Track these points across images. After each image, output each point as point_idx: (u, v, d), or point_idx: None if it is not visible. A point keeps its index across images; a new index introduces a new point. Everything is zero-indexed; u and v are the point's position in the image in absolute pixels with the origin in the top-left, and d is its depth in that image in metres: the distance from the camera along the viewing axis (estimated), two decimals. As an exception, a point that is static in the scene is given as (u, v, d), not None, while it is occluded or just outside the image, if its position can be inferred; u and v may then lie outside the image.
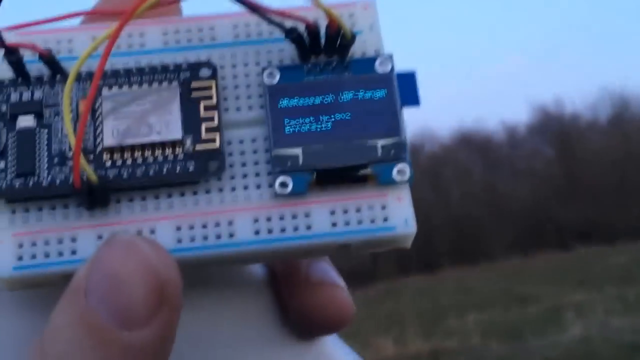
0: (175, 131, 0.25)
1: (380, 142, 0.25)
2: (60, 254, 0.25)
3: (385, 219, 0.25)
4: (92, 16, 0.27)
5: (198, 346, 0.27)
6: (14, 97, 0.26)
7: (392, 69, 0.26)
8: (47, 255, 0.25)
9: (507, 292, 4.35)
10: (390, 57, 0.26)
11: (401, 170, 0.25)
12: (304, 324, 0.28)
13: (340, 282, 0.29)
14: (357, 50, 0.27)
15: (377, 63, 0.26)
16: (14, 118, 0.25)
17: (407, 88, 0.26)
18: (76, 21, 0.27)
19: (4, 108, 0.25)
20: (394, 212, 0.25)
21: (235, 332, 0.28)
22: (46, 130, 0.25)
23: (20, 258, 0.24)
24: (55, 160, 0.25)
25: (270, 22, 0.25)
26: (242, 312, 0.28)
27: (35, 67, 0.26)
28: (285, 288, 0.29)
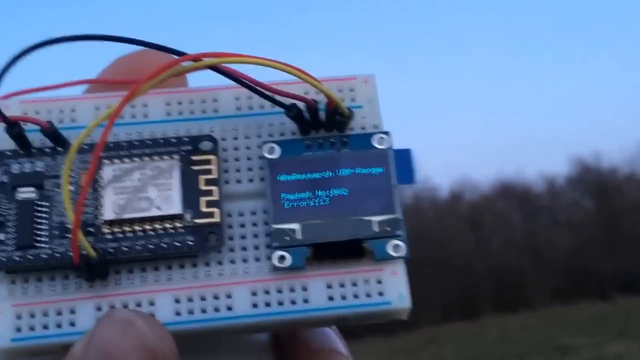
0: (175, 206, 0.25)
1: (377, 219, 0.26)
2: (59, 325, 0.25)
3: (381, 294, 0.26)
4: (97, 85, 0.28)
5: None
6: (15, 168, 0.26)
7: (390, 146, 0.27)
8: (45, 326, 0.25)
9: (547, 341, 4.36)
10: (388, 133, 0.27)
11: (396, 246, 0.26)
12: None
13: (341, 348, 0.29)
14: (356, 124, 0.27)
15: (374, 139, 0.27)
16: (14, 189, 0.25)
17: (403, 165, 0.27)
18: (80, 89, 0.27)
19: (5, 179, 0.26)
20: (389, 287, 0.26)
21: None
22: (47, 202, 0.26)
23: (18, 329, 0.25)
24: (56, 232, 0.25)
25: (271, 100, 0.26)
26: None
27: (37, 138, 0.26)
28: (287, 351, 0.29)
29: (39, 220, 0.25)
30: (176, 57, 0.24)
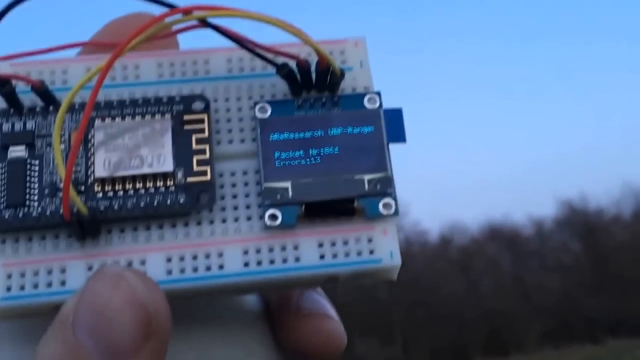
0: (167, 164, 0.25)
1: (367, 177, 0.26)
2: (49, 284, 0.25)
3: (372, 252, 0.26)
4: (89, 48, 0.28)
5: None
6: (6, 127, 0.26)
7: (380, 105, 0.27)
8: (35, 286, 0.25)
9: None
10: (378, 94, 0.27)
11: (387, 204, 0.26)
12: (296, 354, 0.29)
13: (332, 312, 0.29)
14: (347, 86, 0.27)
15: (365, 99, 0.27)
16: (5, 148, 0.25)
17: (394, 125, 0.27)
18: (72, 52, 0.28)
19: (-5, 138, 0.25)
20: (380, 245, 0.26)
21: None
22: (37, 161, 0.25)
23: (8, 289, 0.24)
24: (46, 191, 0.25)
25: (262, 58, 0.26)
26: (236, 343, 0.28)
27: (28, 98, 0.26)
28: (278, 317, 0.29)
29: (29, 179, 0.25)
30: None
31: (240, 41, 0.25)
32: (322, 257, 0.25)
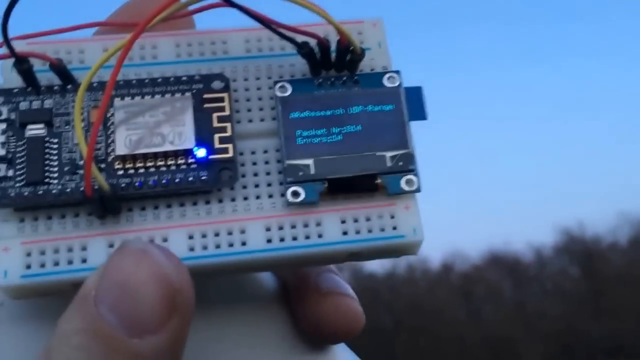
0: (188, 141, 0.25)
1: (389, 154, 0.26)
2: (70, 262, 0.24)
3: (394, 228, 0.26)
4: (105, 28, 0.28)
5: (208, 356, 0.27)
6: (24, 105, 0.25)
7: (400, 84, 0.27)
8: (56, 263, 0.24)
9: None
10: (398, 72, 0.27)
11: (409, 181, 0.26)
12: (315, 333, 0.28)
13: (351, 292, 0.29)
14: (365, 66, 0.27)
15: (385, 78, 0.27)
16: (23, 126, 0.25)
17: (414, 102, 0.27)
18: (88, 32, 0.27)
19: (13, 116, 0.25)
20: (403, 221, 0.26)
21: (247, 342, 0.28)
22: (56, 139, 0.25)
23: (28, 266, 0.24)
24: (66, 169, 0.25)
25: (283, 37, 0.26)
26: (254, 323, 0.28)
27: (45, 77, 0.26)
28: (296, 298, 0.29)
29: (48, 157, 0.25)
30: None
31: (261, 20, 0.25)
32: (344, 233, 0.25)
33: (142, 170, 0.25)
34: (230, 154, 0.25)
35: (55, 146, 0.25)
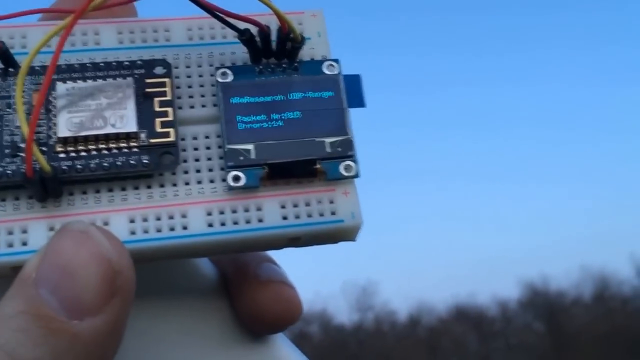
0: (130, 124, 0.25)
1: (329, 140, 0.27)
2: (10, 245, 0.24)
3: (333, 213, 0.26)
4: (49, 15, 0.28)
5: (148, 343, 0.27)
6: (-36, 88, 0.25)
7: (339, 71, 0.28)
8: (-5, 246, 0.24)
9: None
10: (337, 60, 0.28)
11: (348, 166, 0.27)
12: (255, 322, 0.29)
13: (290, 280, 0.29)
14: (305, 55, 0.28)
15: (324, 65, 0.28)
16: (-37, 109, 0.25)
17: (353, 90, 0.27)
18: (33, 19, 0.27)
19: (-47, 99, 0.25)
20: (342, 206, 0.26)
21: (186, 330, 0.28)
22: (-3, 122, 0.25)
23: (-33, 249, 0.24)
24: (6, 151, 0.25)
25: (225, 23, 0.26)
26: (194, 311, 0.28)
27: (-14, 61, 0.26)
28: (236, 288, 0.29)
29: (-11, 140, 0.25)
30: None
31: (205, 6, 0.26)
32: (284, 218, 0.26)
33: (84, 154, 0.25)
34: (171, 138, 0.26)
35: (-4, 129, 0.25)
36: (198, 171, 0.26)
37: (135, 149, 0.25)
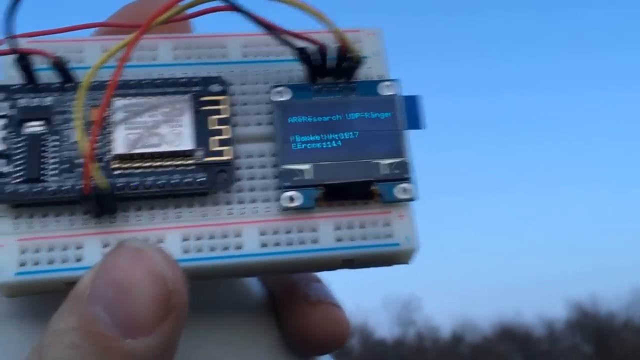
0: (186, 142, 0.25)
1: (385, 162, 0.26)
2: (65, 260, 0.24)
3: (389, 236, 0.26)
4: (105, 29, 0.28)
5: None
6: (23, 102, 0.25)
7: (397, 92, 0.27)
8: (50, 261, 0.24)
9: None
10: (395, 80, 0.27)
11: (404, 189, 0.26)
12: (302, 343, 0.29)
13: (338, 301, 0.29)
14: (362, 74, 0.28)
15: (382, 86, 0.27)
16: (21, 123, 0.25)
17: (411, 111, 0.27)
18: (87, 33, 0.27)
19: (12, 112, 0.25)
20: (397, 229, 0.26)
21: (234, 350, 0.28)
22: (55, 137, 0.25)
23: (23, 264, 0.24)
24: (63, 167, 0.25)
25: (283, 42, 0.26)
26: (241, 330, 0.28)
27: (45, 75, 0.26)
28: (284, 308, 0.29)
29: (46, 154, 0.25)
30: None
31: (263, 24, 0.25)
32: (339, 239, 0.26)
33: (139, 171, 0.25)
34: (227, 157, 0.25)
35: (54, 144, 0.25)
36: (252, 190, 0.26)
37: (191, 167, 0.25)
